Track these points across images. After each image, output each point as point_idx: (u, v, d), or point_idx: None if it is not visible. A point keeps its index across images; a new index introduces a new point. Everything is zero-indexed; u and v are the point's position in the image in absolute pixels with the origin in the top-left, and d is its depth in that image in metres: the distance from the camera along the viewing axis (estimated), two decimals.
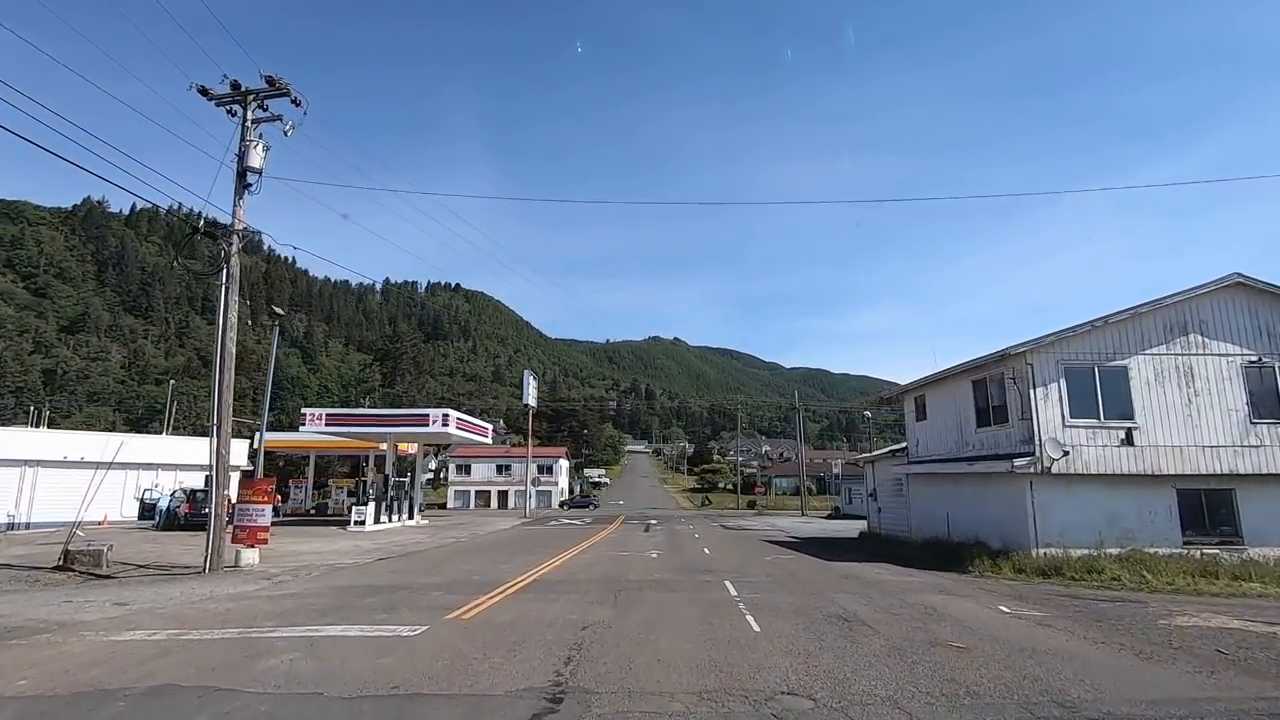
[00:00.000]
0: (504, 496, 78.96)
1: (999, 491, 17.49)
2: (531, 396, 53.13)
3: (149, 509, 32.76)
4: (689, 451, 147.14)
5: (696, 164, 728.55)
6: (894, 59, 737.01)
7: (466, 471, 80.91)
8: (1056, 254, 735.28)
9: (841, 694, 5.73)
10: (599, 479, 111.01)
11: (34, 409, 53.26)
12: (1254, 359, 16.98)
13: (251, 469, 27.15)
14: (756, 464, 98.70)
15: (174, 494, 30.31)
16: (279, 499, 40.51)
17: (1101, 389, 16.79)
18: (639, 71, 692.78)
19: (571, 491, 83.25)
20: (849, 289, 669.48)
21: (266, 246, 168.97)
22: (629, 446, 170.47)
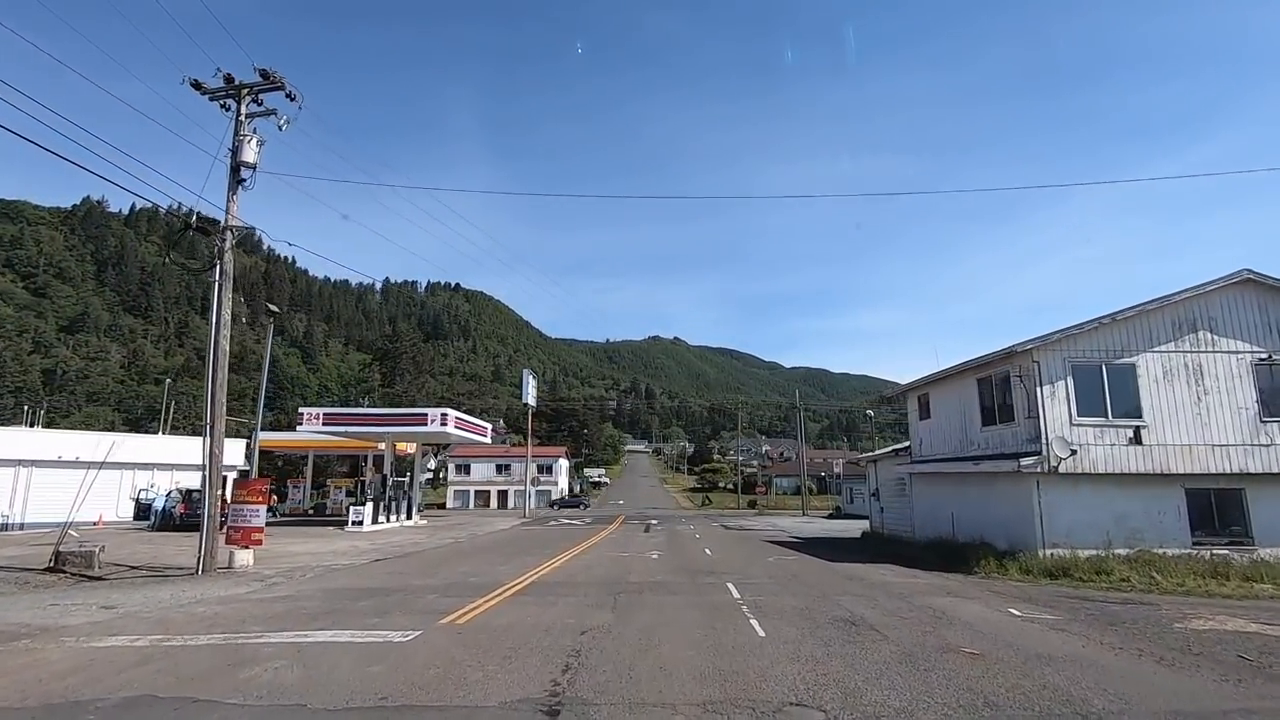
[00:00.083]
0: (504, 496, 78.66)
1: (1005, 491, 17.21)
2: (531, 396, 52.88)
3: (145, 509, 32.44)
4: (689, 451, 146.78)
5: (697, 165, 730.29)
6: (894, 61, 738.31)
7: (466, 471, 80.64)
8: (1057, 255, 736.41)
9: (853, 705, 5.44)
10: (599, 479, 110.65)
11: (29, 408, 53.00)
12: (1264, 356, 16.68)
13: (248, 469, 26.92)
14: (757, 464, 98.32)
15: (170, 494, 29.97)
16: (276, 499, 40.28)
17: (1109, 387, 16.52)
18: (640, 73, 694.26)
19: (571, 491, 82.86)
20: (849, 289, 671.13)
21: (266, 246, 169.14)
22: (629, 446, 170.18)
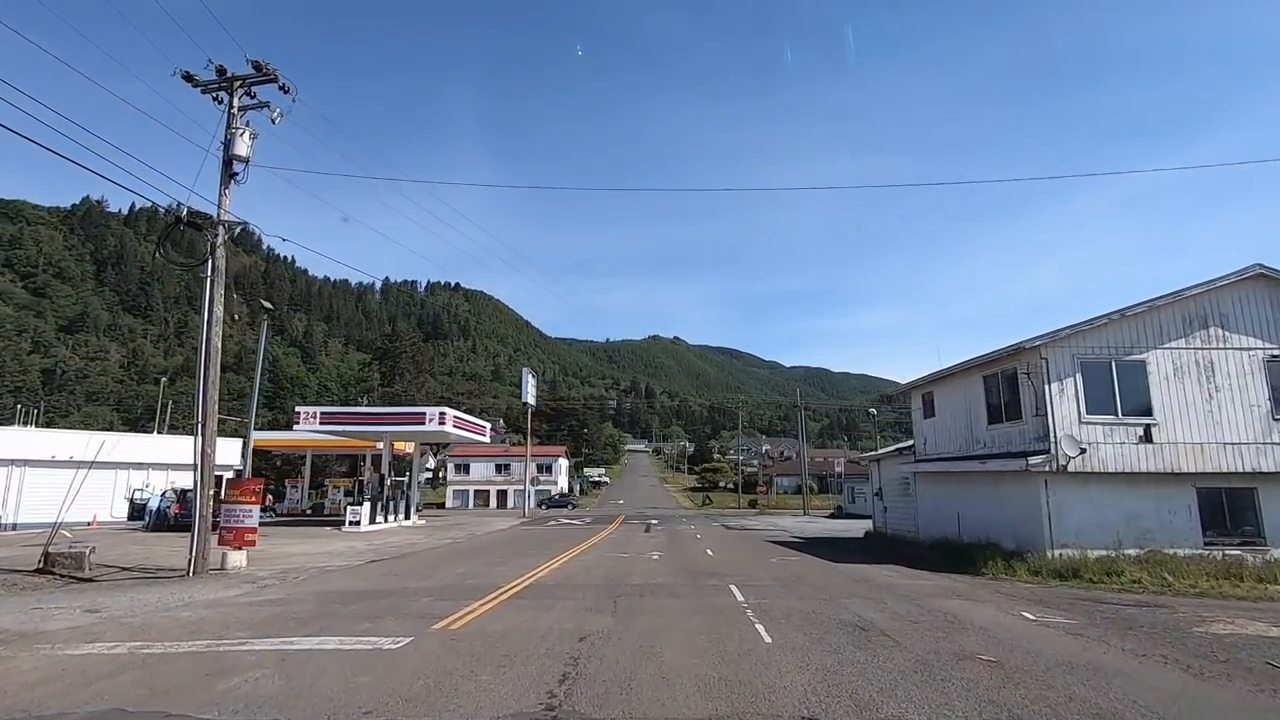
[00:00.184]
0: (503, 496, 78.29)
1: (1012, 491, 16.88)
2: (531, 395, 52.55)
3: (139, 509, 32.12)
4: (689, 450, 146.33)
5: (698, 166, 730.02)
6: (895, 61, 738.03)
7: (465, 471, 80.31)
8: (1057, 255, 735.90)
9: (869, 719, 5.11)
10: (599, 478, 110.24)
11: (22, 408, 52.69)
12: (1276, 353, 16.35)
13: (243, 468, 26.57)
14: (757, 463, 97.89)
15: (164, 494, 29.65)
16: (273, 499, 39.95)
17: (1119, 384, 16.18)
18: (640, 74, 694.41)
19: (561, 490, 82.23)
20: (849, 289, 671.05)
21: (266, 246, 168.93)
22: (629, 445, 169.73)
